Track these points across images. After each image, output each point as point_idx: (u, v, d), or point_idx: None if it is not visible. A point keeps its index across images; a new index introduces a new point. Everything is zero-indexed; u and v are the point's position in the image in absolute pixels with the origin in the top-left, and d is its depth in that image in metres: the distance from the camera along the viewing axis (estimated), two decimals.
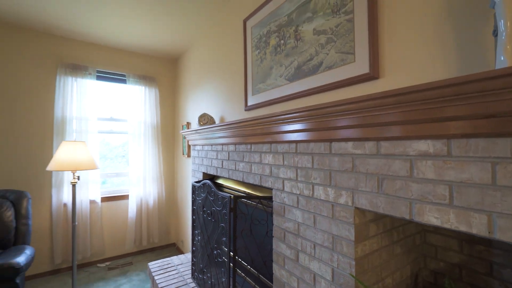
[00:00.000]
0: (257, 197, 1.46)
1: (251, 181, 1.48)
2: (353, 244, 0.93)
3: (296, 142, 1.15)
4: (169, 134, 3.31)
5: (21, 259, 1.55)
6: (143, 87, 3.02)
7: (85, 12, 2.14)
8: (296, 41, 1.28)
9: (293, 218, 1.18)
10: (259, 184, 1.40)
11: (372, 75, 0.94)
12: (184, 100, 3.06)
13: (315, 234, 1.07)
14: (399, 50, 0.93)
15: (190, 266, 2.10)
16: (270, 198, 1.38)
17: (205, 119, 2.13)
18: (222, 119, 2.17)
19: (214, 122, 2.15)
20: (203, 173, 2.13)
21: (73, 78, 2.62)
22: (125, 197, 2.98)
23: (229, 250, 1.44)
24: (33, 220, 2.44)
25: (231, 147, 1.69)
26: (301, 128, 1.08)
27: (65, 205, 2.58)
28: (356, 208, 0.93)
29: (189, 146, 2.83)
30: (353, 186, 0.93)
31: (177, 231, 3.25)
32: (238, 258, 1.60)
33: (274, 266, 1.28)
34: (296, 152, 1.17)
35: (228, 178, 1.79)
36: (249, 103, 1.69)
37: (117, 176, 3.11)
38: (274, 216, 1.29)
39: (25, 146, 2.45)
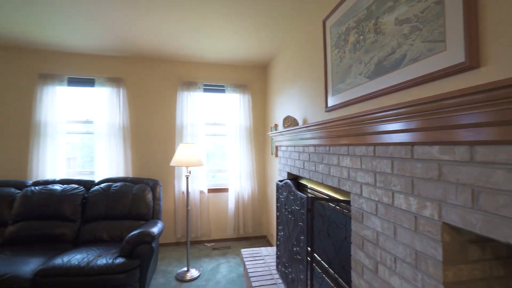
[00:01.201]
0: (335, 200, 1.43)
1: (329, 183, 1.46)
2: (441, 265, 0.80)
3: (374, 144, 1.08)
4: (260, 135, 3.62)
5: (155, 229, 2.13)
6: (238, 95, 3.44)
7: (197, 40, 2.66)
8: (376, 35, 1.18)
9: (372, 226, 1.11)
10: (337, 187, 1.38)
11: (469, 65, 0.77)
12: (272, 103, 3.27)
13: (396, 246, 0.97)
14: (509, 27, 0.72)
15: (275, 259, 2.26)
16: (348, 202, 1.33)
17: (289, 121, 2.23)
18: (304, 121, 2.20)
19: (297, 124, 2.21)
20: (288, 172, 2.24)
21: (187, 92, 3.29)
22: (225, 190, 3.48)
23: (307, 249, 1.48)
24: (163, 202, 3.25)
25: (311, 149, 1.71)
26: (381, 130, 1.00)
27: (183, 192, 3.28)
28: (445, 223, 0.79)
29: (276, 147, 3.01)
30: (440, 198, 0.79)
31: (267, 224, 3.51)
32: (316, 257, 1.61)
33: (353, 274, 1.23)
34: (374, 155, 1.09)
35: (309, 179, 1.82)
36: (329, 104, 1.67)
37: (220, 172, 3.67)
38: (352, 221, 1.25)
39: (159, 146, 3.28)
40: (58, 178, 2.68)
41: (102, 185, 2.62)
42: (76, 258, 1.92)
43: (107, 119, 3.05)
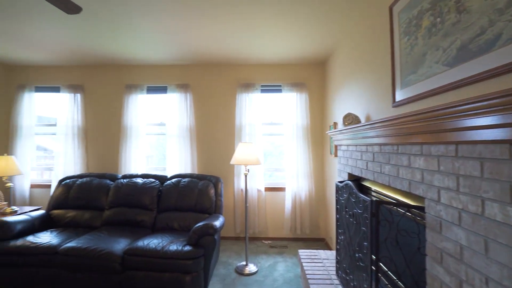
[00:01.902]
0: (405, 205, 1.28)
1: (398, 187, 1.32)
2: None
3: (456, 143, 0.92)
4: (317, 134, 3.50)
5: (217, 223, 2.30)
6: (295, 94, 3.40)
7: (253, 43, 2.76)
8: (458, 15, 1.01)
9: (454, 238, 0.95)
10: (408, 190, 1.23)
11: None
12: (331, 101, 3.12)
13: (488, 265, 0.81)
14: None
15: (335, 263, 2.15)
16: (421, 209, 1.17)
17: (350, 119, 2.10)
18: (367, 118, 2.04)
19: (359, 122, 2.06)
20: (348, 173, 2.11)
21: (246, 94, 3.42)
22: (282, 189, 3.49)
23: (371, 257, 1.37)
24: (224, 198, 3.46)
25: (376, 148, 1.57)
26: (466, 125, 0.85)
27: (242, 190, 3.43)
28: None
29: (335, 146, 2.87)
30: None
31: (326, 227, 3.38)
32: (381, 267, 1.47)
33: None
34: (456, 155, 0.93)
35: (374, 181, 1.67)
36: (397, 98, 1.50)
37: (277, 171, 3.71)
38: (427, 230, 1.10)
39: (220, 146, 3.51)
40: (139, 173, 3.14)
41: (173, 180, 2.96)
42: (153, 242, 2.21)
43: (177, 122, 3.43)
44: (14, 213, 2.73)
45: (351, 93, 2.43)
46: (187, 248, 2.13)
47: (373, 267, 1.33)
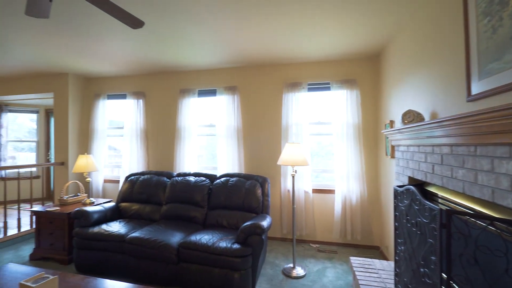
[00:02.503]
0: (488, 217, 1.09)
1: (475, 195, 1.13)
2: None
3: None
4: (370, 133, 3.25)
5: (264, 223, 2.31)
6: (345, 91, 3.21)
7: (300, 41, 2.70)
8: None
9: None
10: (490, 200, 1.04)
11: None
12: (387, 97, 2.86)
13: None
14: None
15: (393, 276, 1.96)
16: (510, 222, 0.97)
17: (410, 117, 1.88)
18: (433, 115, 1.80)
19: (422, 119, 1.84)
20: (409, 177, 1.89)
21: (292, 93, 3.37)
22: (331, 191, 3.34)
23: (440, 274, 1.20)
24: (270, 198, 3.47)
25: (445, 149, 1.38)
26: None
27: (288, 191, 3.39)
28: None
29: (392, 147, 2.61)
30: None
31: (381, 234, 3.11)
32: None
33: None
34: None
35: (441, 187, 1.47)
36: (474, 91, 1.28)
37: (324, 172, 3.56)
38: None
39: (266, 146, 3.53)
40: (191, 171, 3.36)
41: (222, 179, 3.08)
42: (204, 238, 2.33)
43: (225, 123, 3.57)
44: (92, 204, 3.19)
45: (411, 88, 2.18)
46: (236, 246, 2.19)
47: (443, 287, 1.16)
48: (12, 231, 3.49)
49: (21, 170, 5.13)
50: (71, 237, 2.83)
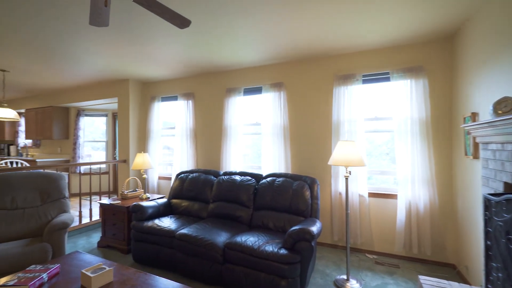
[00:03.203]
0: None
1: None
2: None
3: None
4: (441, 129, 2.73)
5: (314, 228, 2.10)
6: (408, 81, 2.77)
7: (356, 26, 2.41)
8: None
9: None
10: None
11: None
12: (466, 85, 2.35)
13: None
14: None
15: None
16: None
17: (508, 106, 1.47)
18: None
19: None
20: (505, 183, 1.48)
21: (345, 87, 3.06)
22: (392, 196, 2.92)
23: None
24: (319, 201, 3.22)
25: None
26: None
27: (340, 193, 3.09)
28: None
29: (475, 144, 2.12)
30: None
31: (458, 250, 2.59)
32: None
33: None
34: None
35: None
36: None
37: (382, 174, 3.15)
38: None
39: (315, 145, 3.29)
40: (237, 170, 3.32)
41: (268, 179, 2.96)
42: (250, 240, 2.24)
43: (271, 121, 3.44)
44: (147, 199, 3.41)
45: (503, 70, 1.71)
46: (283, 251, 2.04)
47: None
48: (85, 219, 3.98)
49: (93, 166, 5.87)
50: (129, 229, 3.06)
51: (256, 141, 4.06)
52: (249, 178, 3.04)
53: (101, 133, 6.38)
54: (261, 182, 2.97)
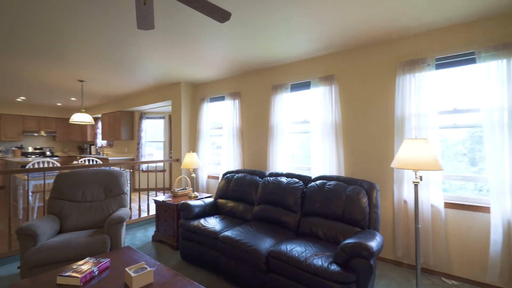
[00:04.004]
0: None
1: None
2: None
3: None
4: None
5: (373, 244, 1.76)
6: (501, 61, 2.14)
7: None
8: None
9: None
10: None
11: None
12: None
13: None
14: None
15: None
16: None
17: None
18: None
19: None
20: None
21: (411, 75, 2.56)
22: (480, 209, 2.31)
23: None
24: (379, 209, 2.77)
25: None
26: None
27: (405, 202, 2.60)
28: None
29: None
30: None
31: None
32: None
33: None
34: None
35: None
36: None
37: (463, 180, 2.54)
38: None
39: (372, 144, 2.85)
40: (284, 172, 3.12)
41: (317, 182, 2.67)
42: (296, 250, 2.02)
43: (321, 118, 3.13)
44: (195, 197, 3.48)
45: None
46: (334, 267, 1.76)
47: None
48: (144, 213, 4.31)
49: (153, 165, 6.39)
50: (178, 226, 3.16)
51: (305, 140, 3.79)
52: (296, 180, 2.80)
53: (160, 134, 6.93)
54: (309, 185, 2.71)
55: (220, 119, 4.73)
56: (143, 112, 6.62)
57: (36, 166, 4.61)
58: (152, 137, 6.90)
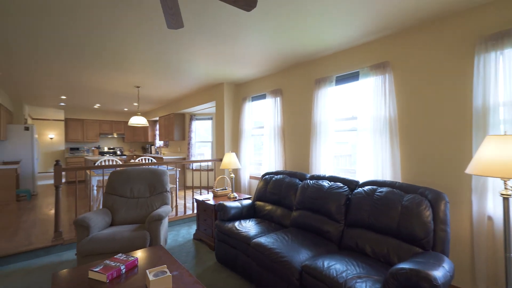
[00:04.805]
0: None
1: None
2: None
3: None
4: None
5: (438, 274, 1.34)
6: None
7: None
8: None
9: None
10: None
11: None
12: None
13: None
14: None
15: None
16: None
17: None
18: None
19: None
20: None
21: (498, 52, 1.95)
22: None
23: None
24: (450, 227, 2.20)
25: None
26: None
27: (489, 218, 2.00)
28: None
29: None
30: None
31: None
32: None
33: None
34: None
35: None
36: None
37: None
38: None
39: (441, 143, 2.29)
40: (327, 174, 2.78)
41: (366, 187, 2.27)
42: (335, 267, 1.71)
43: (371, 113, 2.69)
44: (234, 198, 3.41)
45: None
46: None
47: None
48: (189, 211, 4.47)
49: (199, 164, 6.64)
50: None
51: (352, 139, 3.35)
52: (340, 184, 2.45)
53: (209, 135, 7.20)
54: (356, 191, 2.32)
55: (261, 118, 4.59)
56: (193, 114, 6.97)
57: (103, 163, 5.26)
58: (202, 138, 7.21)
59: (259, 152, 4.98)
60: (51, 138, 10.69)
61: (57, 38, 2.72)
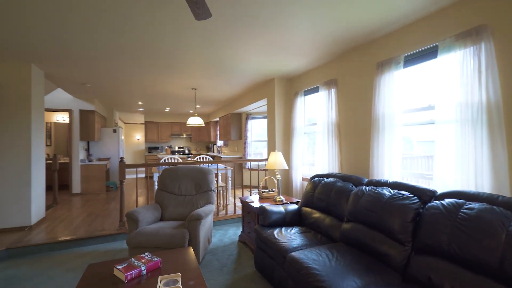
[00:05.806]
0: None
1: None
2: None
3: None
4: None
5: None
6: None
7: None
8: None
9: None
10: None
11: None
12: None
13: None
14: None
15: None
16: None
17: None
18: None
19: None
20: None
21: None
22: None
23: None
24: None
25: None
26: None
27: None
28: None
29: None
30: None
31: None
32: None
33: None
34: None
35: None
36: None
37: None
38: None
39: None
40: (390, 180, 2.19)
41: (446, 201, 1.65)
42: None
43: (457, 99, 1.98)
44: (280, 202, 3.12)
45: None
46: None
47: None
48: (239, 211, 4.40)
49: (255, 163, 6.56)
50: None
51: (429, 135, 2.60)
52: (407, 194, 1.87)
53: (264, 133, 7.08)
54: (430, 204, 1.72)
55: (315, 114, 4.15)
56: (248, 113, 6.96)
57: (167, 161, 5.75)
58: (260, 137, 7.14)
59: (313, 152, 4.53)
60: (138, 139, 12.58)
61: (125, 47, 3.00)
